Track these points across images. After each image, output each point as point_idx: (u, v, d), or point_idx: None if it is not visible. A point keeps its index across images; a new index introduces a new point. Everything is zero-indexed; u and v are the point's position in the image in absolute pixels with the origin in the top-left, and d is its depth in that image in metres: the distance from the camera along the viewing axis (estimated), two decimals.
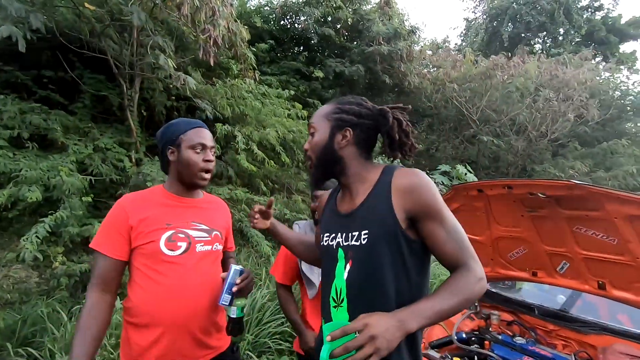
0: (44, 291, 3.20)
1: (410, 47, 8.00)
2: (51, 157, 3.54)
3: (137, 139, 4.34)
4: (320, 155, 1.05)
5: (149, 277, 1.17)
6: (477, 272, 0.89)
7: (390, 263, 0.92)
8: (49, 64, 4.40)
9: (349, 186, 1.05)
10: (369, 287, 0.93)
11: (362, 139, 1.05)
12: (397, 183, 0.94)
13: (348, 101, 1.07)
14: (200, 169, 1.27)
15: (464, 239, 0.92)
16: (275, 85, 6.35)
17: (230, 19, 3.77)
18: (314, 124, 1.07)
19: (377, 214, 0.94)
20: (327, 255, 1.07)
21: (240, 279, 1.23)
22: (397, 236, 0.91)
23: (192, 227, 1.27)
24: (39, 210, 3.50)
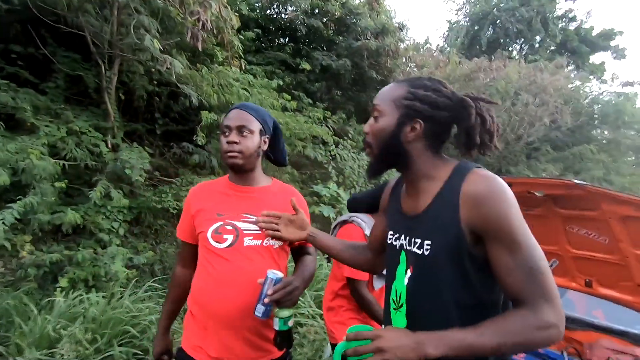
0: (9, 282, 2.98)
1: (397, 44, 8.02)
2: (19, 139, 3.28)
3: (115, 124, 4.11)
4: (383, 145, 0.92)
5: (203, 267, 1.23)
6: (545, 315, 0.73)
7: (452, 279, 0.83)
8: (18, 39, 4.08)
9: (414, 183, 0.93)
10: (428, 299, 0.87)
11: (435, 132, 0.90)
12: (467, 190, 0.81)
13: (423, 85, 0.91)
14: (224, 150, 1.22)
15: (539, 272, 0.76)
16: (260, 75, 6.19)
17: (221, 4, 3.61)
18: (379, 106, 0.92)
19: (442, 225, 0.84)
20: (390, 254, 1.00)
21: (273, 290, 1.07)
22: (462, 252, 0.81)
23: (242, 218, 1.22)
24: (4, 195, 3.25)
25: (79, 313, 2.46)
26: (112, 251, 3.21)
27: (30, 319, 2.43)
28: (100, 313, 2.44)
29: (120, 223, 3.66)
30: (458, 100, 0.89)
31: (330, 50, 7.84)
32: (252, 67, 6.51)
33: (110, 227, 3.54)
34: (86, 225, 3.43)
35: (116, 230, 3.59)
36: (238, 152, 1.20)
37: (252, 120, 1.24)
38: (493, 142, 0.89)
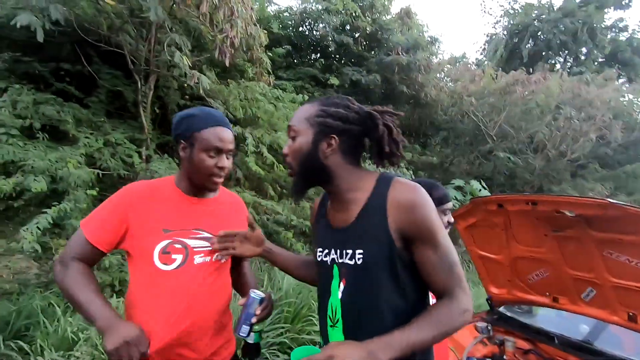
0: (42, 283, 3.15)
1: (429, 59, 7.89)
2: (61, 149, 3.53)
3: (149, 136, 4.32)
4: (302, 163, 0.94)
5: (144, 289, 1.08)
6: (463, 302, 0.83)
7: (386, 285, 0.87)
8: (69, 58, 4.44)
9: (339, 197, 0.95)
10: (363, 308, 0.89)
11: (350, 146, 0.94)
12: (394, 197, 0.86)
13: (333, 102, 0.94)
14: (210, 173, 1.11)
15: (455, 265, 0.86)
16: (289, 90, 6.31)
17: (249, 22, 3.74)
18: (294, 126, 0.95)
19: (372, 233, 0.87)
20: (322, 271, 1.00)
21: (260, 309, 1.10)
22: (393, 257, 0.85)
23: (192, 235, 1.11)
24: (46, 201, 3.47)
25: None
26: None
27: (56, 320, 2.54)
28: None
29: None
30: (366, 113, 0.94)
31: (361, 66, 7.87)
32: (282, 82, 6.66)
33: None
34: None
35: None
36: (225, 175, 1.16)
37: (233, 140, 1.18)
38: (399, 150, 0.94)
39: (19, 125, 3.40)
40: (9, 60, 3.93)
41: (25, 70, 4.15)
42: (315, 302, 3.12)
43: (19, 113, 3.47)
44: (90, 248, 1.06)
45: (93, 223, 1.08)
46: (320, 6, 7.48)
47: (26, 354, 2.33)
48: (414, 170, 7.72)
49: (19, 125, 3.40)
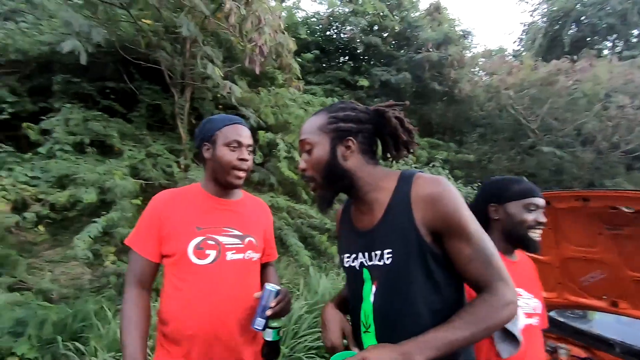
0: (95, 288, 3.37)
1: (462, 53, 7.62)
2: (108, 162, 3.77)
3: (186, 146, 4.51)
4: (325, 173, 0.93)
5: (176, 287, 1.13)
6: (506, 295, 0.80)
7: (419, 282, 0.84)
8: (113, 76, 4.75)
9: (364, 198, 0.95)
10: (398, 310, 0.86)
11: (366, 145, 0.95)
12: (417, 193, 0.85)
13: (340, 107, 0.96)
14: (233, 167, 1.17)
15: (493, 257, 0.83)
16: (319, 94, 6.34)
17: (277, 29, 3.81)
18: (308, 139, 0.95)
19: (399, 230, 0.86)
20: (351, 277, 0.98)
21: (275, 302, 1.09)
22: (423, 252, 0.83)
23: (223, 232, 1.17)
24: (96, 211, 3.72)
25: None
26: None
27: (107, 323, 2.70)
28: None
29: None
30: (374, 111, 0.96)
31: (390, 65, 7.76)
32: (312, 87, 6.72)
33: None
34: None
35: None
36: (247, 170, 1.21)
37: (251, 137, 1.26)
38: (414, 138, 0.96)
39: (71, 141, 3.68)
40: (61, 82, 4.27)
41: (75, 91, 4.48)
42: None
43: (71, 130, 3.76)
44: (144, 262, 1.14)
45: (138, 238, 1.16)
46: (347, 9, 7.48)
47: (82, 354, 2.49)
48: (450, 169, 7.48)
49: (71, 141, 3.69)
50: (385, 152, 1.00)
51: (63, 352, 2.47)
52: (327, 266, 4.30)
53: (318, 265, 4.30)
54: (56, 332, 2.62)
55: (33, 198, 3.37)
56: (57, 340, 2.53)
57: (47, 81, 4.49)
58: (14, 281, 3.05)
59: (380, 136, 0.98)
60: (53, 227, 3.72)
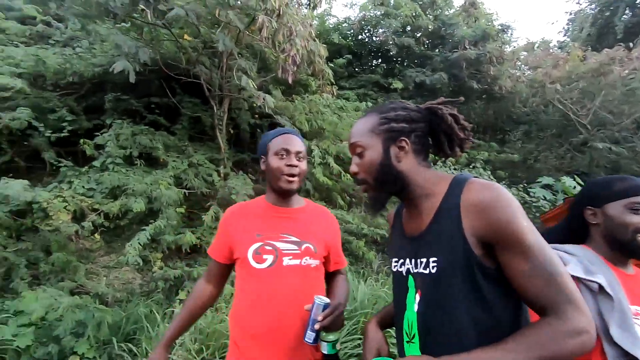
0: (145, 292, 3.57)
1: (501, 48, 7.28)
2: (154, 173, 4.00)
3: (225, 155, 4.69)
4: (378, 175, 0.91)
5: (241, 288, 1.25)
6: (574, 321, 0.68)
7: (464, 296, 0.77)
8: (157, 92, 5.06)
9: (414, 202, 0.91)
10: (440, 322, 0.80)
11: (420, 145, 0.92)
12: (468, 199, 0.79)
13: (391, 108, 0.93)
14: (282, 173, 1.24)
15: (558, 276, 0.71)
16: (352, 98, 6.34)
17: (308, 38, 3.87)
18: (359, 142, 0.93)
19: (446, 239, 0.80)
20: (397, 282, 0.95)
21: (323, 316, 1.08)
22: (470, 264, 0.76)
23: (280, 238, 1.24)
24: (144, 219, 3.96)
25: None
26: None
27: (157, 326, 2.85)
28: (207, 325, 2.72)
29: None
30: (426, 109, 0.93)
31: (424, 66, 7.59)
32: (345, 91, 6.73)
33: None
34: (202, 245, 3.93)
35: None
36: (297, 175, 1.26)
37: (303, 145, 1.32)
38: (469, 136, 0.92)
39: (121, 154, 3.96)
40: (112, 100, 4.61)
41: (124, 107, 4.82)
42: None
43: (121, 144, 4.04)
44: (213, 262, 1.34)
45: (212, 244, 1.36)
46: (378, 12, 7.43)
47: (134, 355, 2.65)
48: (492, 170, 7.14)
49: (121, 155, 3.96)
50: (439, 152, 0.96)
51: (118, 352, 2.65)
52: (365, 272, 4.26)
53: (356, 271, 4.27)
54: (111, 333, 2.81)
55: (89, 208, 3.65)
56: (112, 342, 2.72)
57: (100, 100, 4.86)
58: (75, 285, 3.32)
59: (433, 135, 0.94)
60: (107, 234, 4.01)
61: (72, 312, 2.71)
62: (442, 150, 0.95)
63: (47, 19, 5.13)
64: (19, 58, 4.19)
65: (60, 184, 3.78)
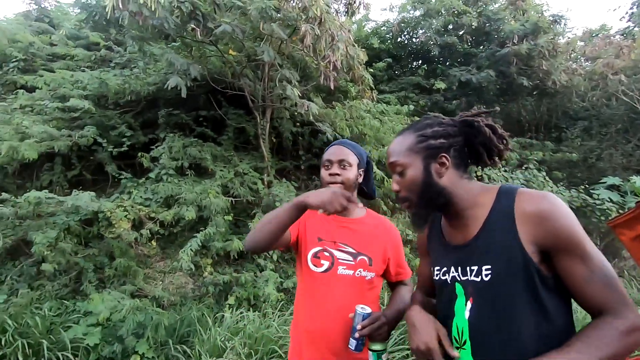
0: (196, 296, 3.74)
1: (554, 40, 6.80)
2: (203, 182, 4.21)
3: (268, 164, 4.81)
4: (420, 192, 0.92)
5: (301, 287, 1.33)
6: (629, 319, 0.72)
7: (523, 303, 0.79)
8: (204, 106, 5.34)
9: (459, 214, 0.92)
10: (497, 330, 0.81)
11: (460, 159, 0.94)
12: (523, 209, 0.81)
13: (426, 124, 0.95)
14: (326, 182, 1.29)
15: (614, 279, 0.76)
16: (393, 102, 6.24)
17: (349, 43, 3.89)
18: (399, 161, 0.94)
19: (500, 246, 0.82)
20: (442, 290, 0.96)
21: (362, 325, 1.11)
22: (529, 272, 0.78)
23: (338, 247, 1.28)
24: (195, 227, 4.17)
25: (240, 329, 2.87)
26: (266, 275, 3.66)
27: (208, 329, 2.97)
28: (255, 330, 2.79)
29: (274, 250, 4.17)
30: (461, 122, 0.94)
31: (469, 64, 7.29)
32: (385, 95, 6.64)
33: (266, 254, 4.08)
34: (248, 252, 4.04)
35: (271, 257, 4.11)
36: (340, 183, 1.27)
37: (350, 154, 1.33)
38: (508, 145, 0.92)
39: (174, 166, 4.21)
40: (164, 115, 4.94)
41: (175, 121, 5.14)
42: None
43: (173, 156, 4.31)
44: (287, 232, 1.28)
45: None
46: (418, 12, 7.28)
47: (188, 356, 2.78)
48: (548, 171, 6.64)
49: (174, 166, 4.22)
50: (478, 162, 0.97)
51: (174, 354, 2.79)
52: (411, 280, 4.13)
53: None
54: (167, 335, 2.97)
55: (147, 217, 3.92)
56: (169, 343, 2.87)
57: (154, 115, 5.23)
58: (135, 289, 3.56)
59: (471, 147, 0.95)
60: (161, 241, 4.27)
61: (134, 314, 2.91)
62: (481, 160, 0.95)
63: (109, 44, 5.64)
64: (85, 81, 4.64)
65: (121, 195, 4.10)
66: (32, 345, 2.68)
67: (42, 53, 5.64)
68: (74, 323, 2.96)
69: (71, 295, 3.49)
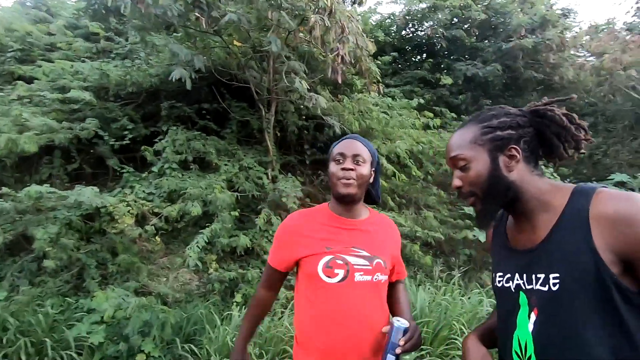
0: (202, 293, 3.66)
1: (563, 34, 6.69)
2: (208, 177, 4.11)
3: (273, 158, 4.71)
4: (487, 188, 0.85)
5: (308, 299, 1.20)
6: None
7: (596, 321, 0.70)
8: (207, 98, 5.21)
9: (527, 215, 0.85)
10: (565, 349, 0.73)
11: (531, 152, 0.86)
12: (600, 211, 0.72)
13: (492, 115, 0.88)
14: (338, 177, 1.20)
15: None
16: (398, 96, 6.13)
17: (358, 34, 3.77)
18: (461, 155, 0.88)
19: (572, 253, 0.73)
20: (503, 298, 0.89)
21: (404, 340, 1.06)
22: (604, 284, 0.69)
23: (351, 252, 1.18)
24: (199, 222, 4.08)
25: None
26: None
27: (216, 327, 2.89)
28: (265, 330, 2.71)
29: None
30: (532, 112, 0.88)
31: (475, 58, 7.17)
32: (390, 89, 6.53)
33: None
34: (254, 248, 3.96)
35: None
36: (354, 179, 1.18)
37: (365, 150, 1.24)
38: (587, 136, 0.84)
39: (177, 159, 4.10)
40: (167, 108, 4.81)
41: (177, 114, 5.01)
42: (456, 323, 2.84)
43: (176, 150, 4.19)
44: (273, 271, 1.30)
45: (271, 253, 1.32)
46: (424, 4, 7.14)
47: (196, 355, 2.70)
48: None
49: (177, 160, 4.11)
50: (551, 156, 0.90)
51: (181, 353, 2.72)
52: (420, 278, 4.07)
53: (410, 276, 4.10)
54: (174, 333, 2.89)
55: (150, 212, 3.82)
56: (175, 342, 2.79)
57: (155, 108, 5.10)
58: (139, 286, 3.48)
59: (543, 139, 0.88)
60: (165, 237, 4.17)
61: (139, 312, 2.82)
62: (555, 154, 0.88)
63: (109, 34, 5.49)
64: (86, 72, 4.51)
65: (124, 189, 3.99)
66: (34, 344, 2.60)
67: (40, 43, 5.48)
68: (77, 321, 2.87)
69: (73, 292, 3.40)
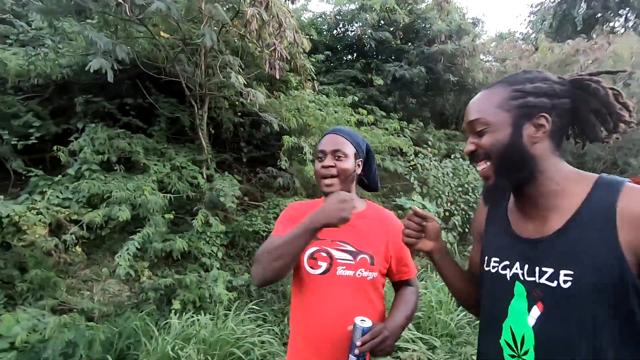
0: (134, 304, 3.38)
1: (474, 42, 7.49)
2: (135, 178, 3.78)
3: (208, 156, 4.51)
4: (504, 158, 0.76)
5: (297, 291, 1.23)
6: None
7: (615, 325, 0.66)
8: (129, 92, 4.77)
9: (539, 199, 0.77)
10: (577, 350, 0.68)
11: (560, 127, 0.76)
12: (631, 209, 0.66)
13: (527, 78, 0.77)
14: (319, 175, 1.22)
15: None
16: (333, 94, 6.29)
17: (295, 30, 3.78)
18: (482, 119, 0.78)
19: (591, 251, 0.68)
20: (494, 284, 0.83)
21: (361, 342, 1.00)
22: (625, 288, 0.65)
23: (336, 246, 1.18)
24: (126, 227, 3.74)
25: (192, 334, 2.66)
26: (214, 274, 3.45)
27: (153, 339, 2.70)
28: (209, 334, 2.61)
29: (219, 247, 3.94)
30: (574, 81, 0.77)
31: (401, 60, 7.65)
32: (324, 87, 6.66)
33: (210, 252, 3.83)
34: (191, 251, 3.77)
35: (215, 254, 3.87)
36: (335, 176, 1.19)
37: (346, 143, 1.22)
38: (631, 116, 0.75)
39: (98, 160, 3.70)
40: (82, 103, 4.30)
41: (95, 110, 4.51)
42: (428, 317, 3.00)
43: (97, 149, 3.78)
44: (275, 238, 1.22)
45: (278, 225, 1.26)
46: (353, 5, 7.41)
47: None
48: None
49: (98, 161, 3.71)
50: (582, 137, 0.81)
51: None
52: None
53: None
54: (104, 351, 2.63)
55: (67, 220, 3.40)
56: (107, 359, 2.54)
57: (67, 102, 4.54)
58: (56, 303, 3.08)
59: (576, 116, 0.78)
60: (86, 246, 3.75)
61: (60, 331, 2.51)
62: (587, 135, 0.80)
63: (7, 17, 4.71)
64: None
65: (32, 195, 3.48)
66: None
67: None
68: None
69: None
